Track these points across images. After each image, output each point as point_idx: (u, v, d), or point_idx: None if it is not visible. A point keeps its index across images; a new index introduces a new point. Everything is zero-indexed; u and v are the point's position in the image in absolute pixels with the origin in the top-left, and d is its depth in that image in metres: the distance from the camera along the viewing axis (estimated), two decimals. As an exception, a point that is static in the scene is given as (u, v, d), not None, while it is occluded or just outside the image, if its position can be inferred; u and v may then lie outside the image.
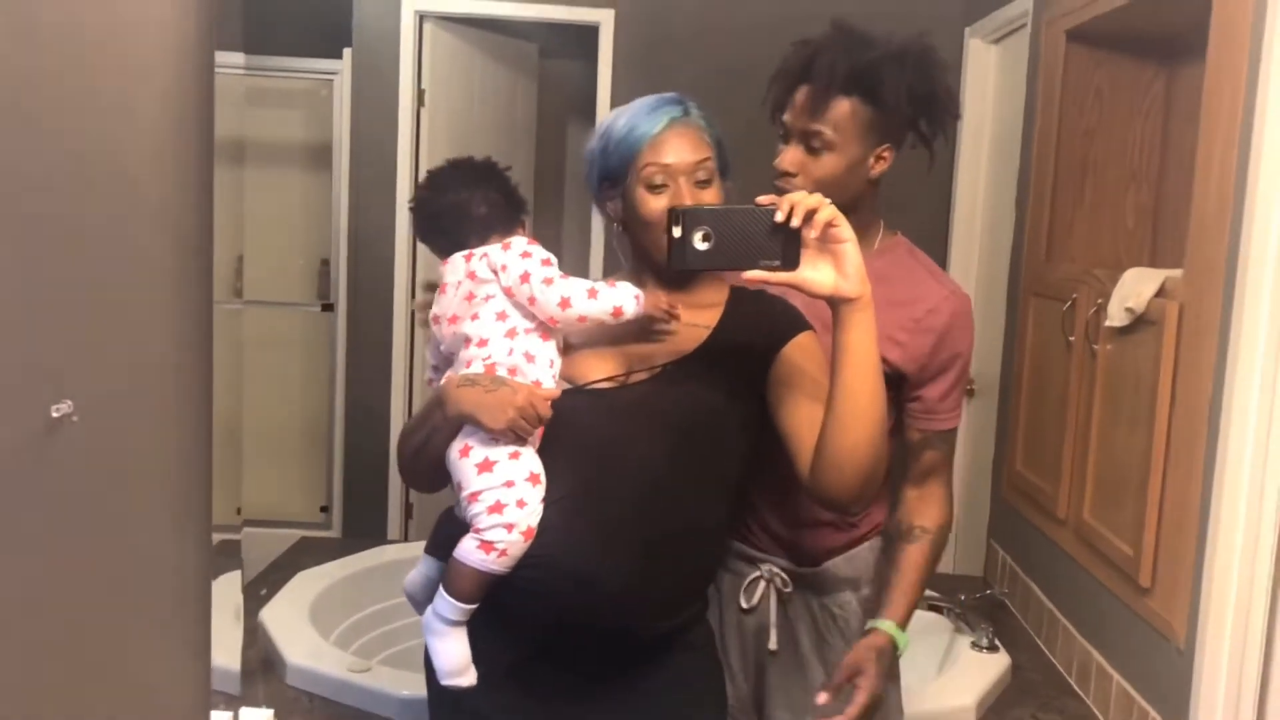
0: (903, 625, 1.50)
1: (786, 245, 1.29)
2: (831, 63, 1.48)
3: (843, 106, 1.49)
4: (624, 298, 1.41)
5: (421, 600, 1.58)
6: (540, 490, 1.39)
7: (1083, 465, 2.48)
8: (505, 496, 1.36)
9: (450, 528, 1.52)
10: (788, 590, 1.58)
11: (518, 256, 1.43)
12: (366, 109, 3.74)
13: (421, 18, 3.71)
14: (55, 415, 0.63)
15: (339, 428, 3.84)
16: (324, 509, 3.82)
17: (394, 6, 3.67)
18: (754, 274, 1.30)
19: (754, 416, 1.47)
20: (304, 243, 3.93)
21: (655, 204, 1.43)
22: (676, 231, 1.32)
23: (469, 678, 1.43)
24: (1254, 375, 1.81)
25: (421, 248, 3.78)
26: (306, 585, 2.70)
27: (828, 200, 1.29)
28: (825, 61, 1.48)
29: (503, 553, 1.36)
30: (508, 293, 1.42)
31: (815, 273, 1.29)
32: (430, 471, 1.49)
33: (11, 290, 0.62)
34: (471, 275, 1.45)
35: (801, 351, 1.46)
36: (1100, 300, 2.39)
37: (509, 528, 1.36)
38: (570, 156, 4.87)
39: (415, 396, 3.78)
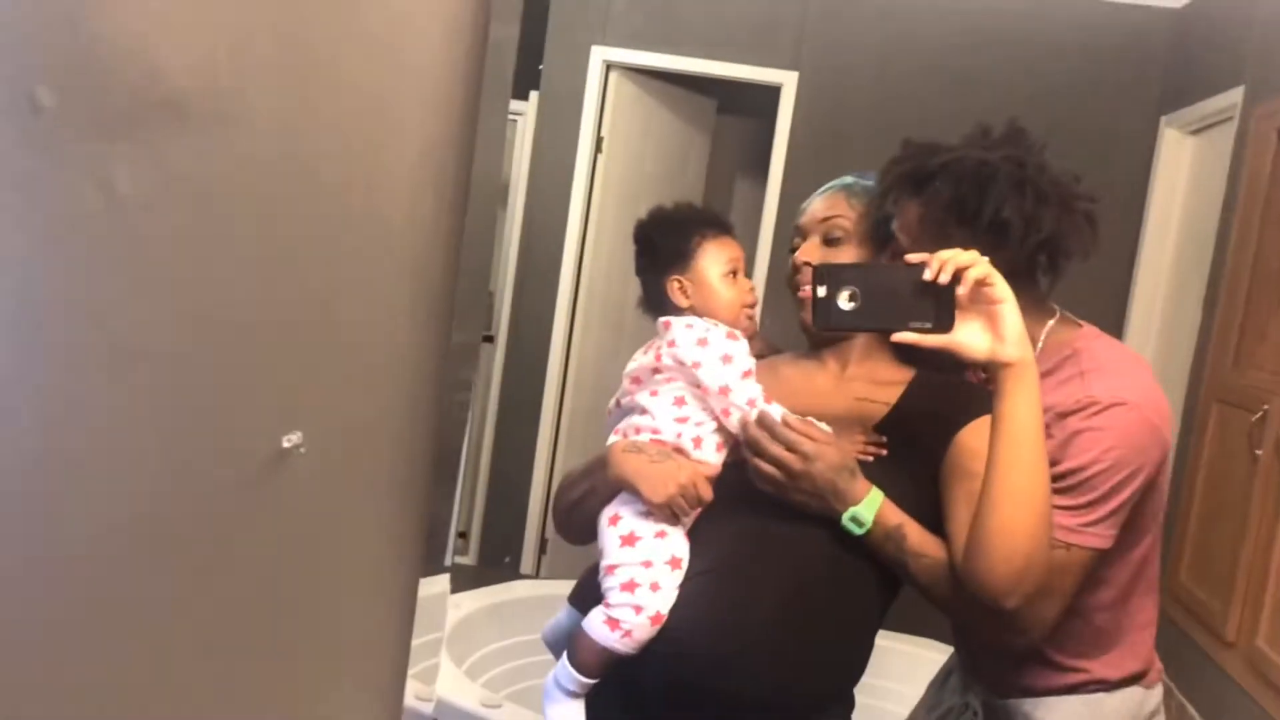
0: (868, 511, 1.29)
1: (939, 306, 1.22)
2: (896, 164, 1.39)
3: (909, 209, 1.38)
4: None
5: (558, 648, 1.56)
6: (679, 575, 1.34)
7: (1260, 587, 2.33)
8: (641, 576, 1.32)
9: (596, 582, 1.49)
10: None
11: (717, 360, 1.37)
12: (547, 151, 3.83)
13: (608, 67, 3.79)
14: (286, 445, 0.64)
15: (485, 456, 3.90)
16: (462, 535, 3.88)
17: (583, 55, 3.76)
18: (904, 336, 1.23)
19: (928, 504, 1.40)
20: (472, 274, 4.03)
21: (790, 263, 1.44)
22: (821, 290, 1.27)
23: None
24: None
25: (584, 290, 3.84)
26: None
27: (982, 257, 1.22)
28: (893, 164, 1.40)
29: (628, 633, 1.32)
30: (703, 390, 1.37)
31: (970, 336, 1.22)
32: (582, 528, 1.47)
33: (249, 316, 0.63)
34: (658, 357, 1.43)
35: (980, 434, 1.38)
36: (1295, 414, 2.25)
37: (637, 609, 1.31)
38: (736, 213, 4.89)
39: (563, 434, 3.81)
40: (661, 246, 1.48)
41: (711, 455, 1.39)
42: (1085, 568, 1.30)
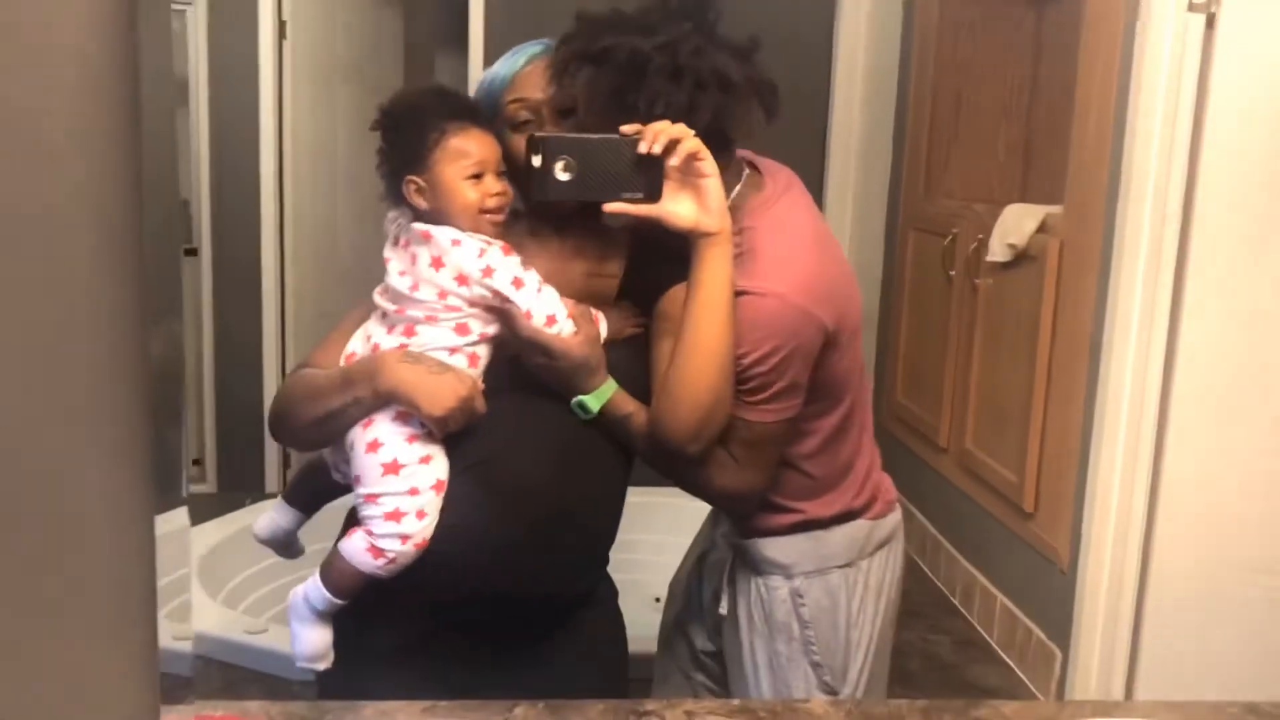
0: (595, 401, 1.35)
1: (649, 177, 1.27)
2: (567, 41, 1.34)
3: (586, 86, 1.33)
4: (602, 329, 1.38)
5: (278, 545, 1.52)
6: (440, 498, 1.33)
7: (964, 396, 2.56)
8: (406, 505, 1.29)
9: (317, 482, 1.45)
10: (725, 559, 1.55)
11: (509, 285, 1.30)
12: (225, 43, 3.54)
13: (280, -56, 3.51)
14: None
15: (209, 378, 3.69)
16: (196, 462, 3.68)
17: (250, -68, 3.46)
18: (616, 206, 1.28)
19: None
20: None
21: (519, 143, 1.38)
22: (536, 161, 1.27)
23: (325, 662, 1.36)
24: (1133, 308, 1.89)
25: (289, 188, 3.63)
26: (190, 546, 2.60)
27: (691, 131, 1.26)
28: (565, 40, 1.34)
29: (392, 560, 1.30)
30: (501, 311, 1.31)
31: (676, 206, 1.27)
32: (323, 442, 1.41)
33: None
34: (413, 260, 1.33)
35: (678, 300, 1.43)
36: (981, 236, 2.45)
37: (404, 539, 1.29)
38: (439, 90, 4.71)
39: (289, 345, 3.65)
40: (398, 141, 1.37)
41: (482, 369, 1.36)
42: (778, 437, 1.40)
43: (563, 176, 1.27)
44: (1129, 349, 1.89)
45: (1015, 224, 2.26)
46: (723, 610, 1.55)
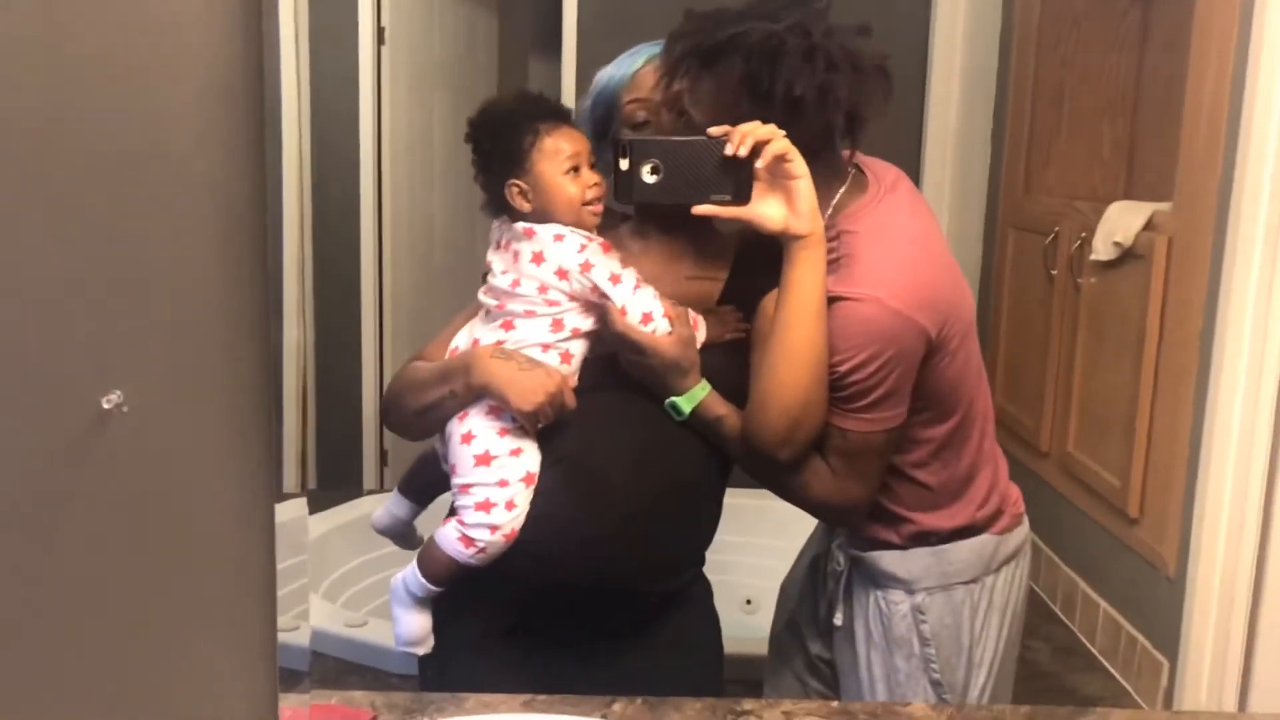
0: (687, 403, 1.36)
1: (737, 179, 1.26)
2: (681, 38, 1.33)
3: (701, 83, 1.32)
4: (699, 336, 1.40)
5: (396, 536, 1.56)
6: (531, 491, 1.35)
7: (1066, 398, 2.50)
8: (496, 496, 1.33)
9: (430, 474, 1.48)
10: (841, 569, 1.53)
11: (607, 282, 1.33)
12: (326, 46, 3.63)
13: (379, -49, 3.58)
14: (106, 407, 0.59)
15: (310, 375, 3.78)
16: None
17: (350, -61, 3.53)
18: (704, 209, 1.27)
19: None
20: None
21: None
22: (624, 163, 1.28)
23: (425, 647, 1.40)
24: (1246, 306, 1.82)
25: (387, 187, 3.71)
26: (290, 540, 2.67)
27: (780, 132, 1.24)
28: (677, 38, 1.34)
29: (482, 550, 1.33)
30: (597, 304, 1.34)
31: (766, 208, 1.26)
32: (430, 431, 1.45)
33: (36, 277, 0.58)
34: (516, 257, 1.36)
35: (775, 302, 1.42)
36: (1084, 234, 2.38)
37: (493, 529, 1.32)
38: (532, 92, 4.75)
39: (386, 344, 3.72)
40: (494, 149, 1.40)
41: (576, 365, 1.38)
42: (879, 448, 1.36)
43: (650, 179, 1.28)
44: (1242, 348, 1.82)
45: (1121, 221, 2.19)
46: (838, 621, 1.51)
